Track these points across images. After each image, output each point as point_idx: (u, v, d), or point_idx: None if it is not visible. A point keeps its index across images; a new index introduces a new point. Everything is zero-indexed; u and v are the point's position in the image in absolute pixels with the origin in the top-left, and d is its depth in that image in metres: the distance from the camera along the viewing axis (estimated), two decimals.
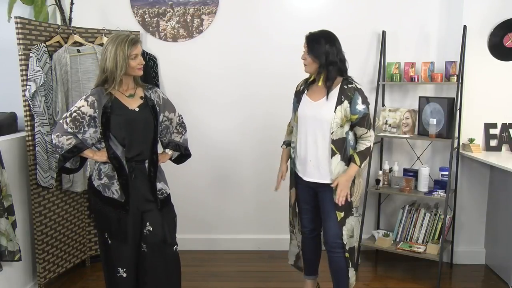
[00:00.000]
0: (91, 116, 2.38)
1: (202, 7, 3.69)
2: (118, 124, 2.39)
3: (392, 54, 3.63)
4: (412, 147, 3.69)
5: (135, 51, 2.39)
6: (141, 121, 2.46)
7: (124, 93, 2.46)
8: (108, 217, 2.45)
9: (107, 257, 2.50)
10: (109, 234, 2.47)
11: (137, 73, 2.45)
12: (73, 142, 2.36)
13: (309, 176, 2.64)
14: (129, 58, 2.37)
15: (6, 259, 2.66)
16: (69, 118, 2.36)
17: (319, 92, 2.60)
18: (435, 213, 3.48)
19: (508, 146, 3.48)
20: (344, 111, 2.51)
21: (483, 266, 3.60)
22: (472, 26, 3.38)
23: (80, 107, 2.37)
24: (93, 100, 2.38)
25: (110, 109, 2.38)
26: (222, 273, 3.50)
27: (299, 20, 3.63)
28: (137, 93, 2.50)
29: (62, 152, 2.36)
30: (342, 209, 2.60)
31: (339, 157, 2.56)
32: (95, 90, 2.41)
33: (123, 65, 2.36)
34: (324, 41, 2.52)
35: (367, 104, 2.57)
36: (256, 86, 3.75)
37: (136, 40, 2.41)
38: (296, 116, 2.67)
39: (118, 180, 2.42)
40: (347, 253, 2.63)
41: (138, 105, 2.47)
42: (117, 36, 2.39)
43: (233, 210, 3.91)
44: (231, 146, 3.83)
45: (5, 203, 2.64)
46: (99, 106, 2.37)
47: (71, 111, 2.38)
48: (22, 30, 2.93)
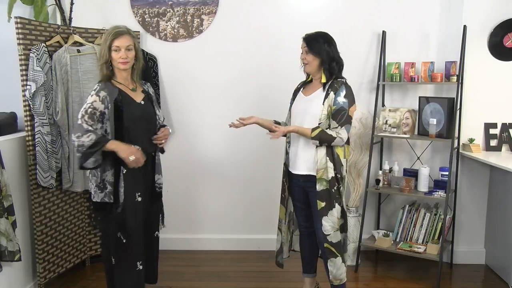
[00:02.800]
0: (101, 111, 2.42)
1: (202, 7, 3.69)
2: (130, 116, 2.46)
3: (392, 54, 3.63)
4: (412, 147, 3.69)
5: (116, 43, 2.41)
6: (148, 113, 2.58)
7: (128, 86, 2.53)
8: (124, 219, 2.49)
9: (124, 256, 2.53)
10: (124, 235, 2.49)
11: (119, 67, 2.47)
12: (94, 138, 2.37)
13: (298, 169, 2.70)
14: (111, 49, 2.41)
15: (6, 259, 2.66)
16: (87, 116, 2.39)
17: (312, 88, 2.71)
18: (435, 213, 3.48)
19: (508, 146, 3.48)
20: (330, 102, 2.58)
21: (483, 266, 3.60)
22: (472, 26, 3.38)
23: (93, 102, 2.40)
24: (104, 95, 2.42)
25: (121, 102, 2.44)
26: (222, 273, 3.50)
27: (299, 20, 3.63)
28: (138, 87, 2.59)
29: (84, 150, 2.36)
30: (323, 198, 2.60)
31: (324, 149, 2.60)
32: (103, 84, 2.45)
33: (104, 54, 2.42)
34: (322, 40, 2.61)
35: (349, 100, 2.58)
36: (256, 86, 3.75)
37: (120, 32, 2.43)
38: (290, 112, 2.77)
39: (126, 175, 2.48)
40: (328, 244, 2.63)
41: (142, 99, 2.56)
42: (109, 28, 2.47)
43: (233, 210, 3.91)
44: (232, 146, 3.83)
45: (5, 203, 2.64)
46: (110, 100, 2.42)
47: (85, 108, 2.40)
48: (22, 30, 2.93)
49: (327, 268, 2.70)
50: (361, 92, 3.67)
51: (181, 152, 3.83)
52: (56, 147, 3.13)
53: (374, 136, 3.53)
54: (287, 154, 2.78)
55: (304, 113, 2.65)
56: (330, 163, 2.60)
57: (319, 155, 2.60)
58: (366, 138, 3.63)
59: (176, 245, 3.87)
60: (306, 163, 2.64)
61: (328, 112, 2.58)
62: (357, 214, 3.61)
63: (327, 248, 2.64)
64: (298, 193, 2.78)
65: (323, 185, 2.60)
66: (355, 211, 3.62)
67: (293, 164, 2.73)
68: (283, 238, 2.87)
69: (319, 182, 2.60)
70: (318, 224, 2.65)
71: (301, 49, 2.67)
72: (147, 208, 2.63)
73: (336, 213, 2.63)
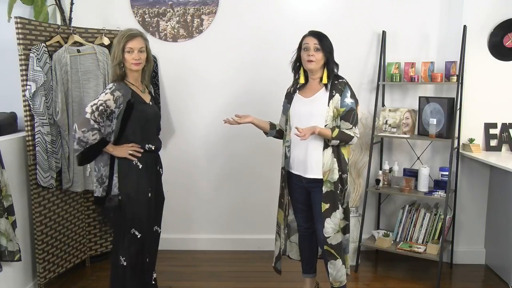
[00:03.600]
0: (112, 110, 2.47)
1: (202, 7, 3.69)
2: (142, 118, 2.53)
3: (392, 54, 3.63)
4: (412, 147, 3.69)
5: (130, 44, 2.48)
6: (156, 114, 2.69)
7: (139, 87, 2.60)
8: (138, 215, 2.55)
9: (138, 251, 2.57)
10: (139, 229, 2.55)
11: (132, 68, 2.53)
12: (98, 138, 2.45)
13: (304, 172, 2.66)
14: (124, 51, 2.48)
15: (6, 259, 2.66)
16: (97, 113, 2.42)
17: (311, 90, 2.67)
18: (435, 213, 3.48)
19: (508, 146, 3.48)
20: (336, 104, 2.57)
21: (483, 266, 3.60)
22: (472, 26, 3.38)
23: (106, 101, 2.44)
24: (118, 96, 2.46)
25: (134, 103, 2.50)
26: (222, 273, 3.50)
27: (299, 20, 3.63)
28: (145, 89, 2.66)
29: (86, 147, 2.44)
30: (327, 200, 2.59)
31: (331, 150, 2.59)
32: (119, 85, 2.49)
33: (117, 56, 2.48)
34: (328, 39, 2.62)
35: (355, 99, 2.62)
36: (256, 85, 3.75)
37: (134, 34, 2.51)
38: (289, 114, 2.72)
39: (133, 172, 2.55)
40: (328, 246, 2.62)
41: (150, 100, 2.64)
42: (123, 31, 2.55)
43: (233, 210, 3.91)
44: (231, 145, 3.83)
45: (5, 203, 2.64)
46: (123, 101, 2.47)
47: (97, 105, 2.43)
48: (22, 30, 2.93)
49: (327, 269, 2.69)
50: (361, 92, 3.67)
51: (181, 151, 3.83)
52: (56, 147, 3.13)
53: (374, 136, 3.53)
54: (287, 158, 2.73)
55: (309, 115, 2.61)
56: (336, 164, 2.59)
57: (326, 157, 2.59)
58: (366, 138, 3.63)
59: (176, 245, 3.87)
60: (317, 165, 2.61)
61: (334, 113, 2.57)
62: (357, 214, 3.61)
63: (327, 250, 2.63)
64: (299, 194, 2.76)
65: (328, 187, 2.59)
66: (355, 211, 3.61)
67: (297, 166, 2.68)
68: (282, 244, 2.85)
69: (325, 184, 2.59)
70: (319, 225, 2.64)
71: (307, 45, 2.58)
72: (154, 204, 2.70)
73: (339, 214, 2.63)
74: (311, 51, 2.57)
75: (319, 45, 2.57)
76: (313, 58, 2.57)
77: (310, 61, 2.58)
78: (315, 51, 2.57)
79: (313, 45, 2.57)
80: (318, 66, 2.60)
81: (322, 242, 2.64)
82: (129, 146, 2.53)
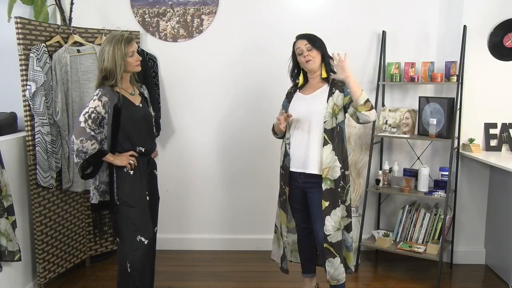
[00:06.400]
0: (103, 116, 2.45)
1: (202, 7, 3.69)
2: (130, 121, 2.50)
3: (392, 54, 3.63)
4: (412, 147, 3.69)
5: (131, 48, 2.49)
6: (147, 115, 2.63)
7: (127, 90, 2.56)
8: (142, 220, 2.55)
9: (144, 256, 2.54)
10: (144, 235, 2.54)
11: (136, 69, 2.56)
12: (97, 147, 2.43)
13: (303, 168, 2.66)
14: (127, 56, 2.47)
15: (6, 259, 2.66)
16: (90, 120, 2.40)
17: (312, 88, 2.71)
18: (435, 213, 3.48)
19: (508, 146, 3.48)
20: (336, 100, 2.60)
21: (483, 266, 3.60)
22: (472, 26, 3.38)
23: (96, 107, 2.42)
24: (106, 101, 2.44)
25: (121, 107, 2.46)
26: (222, 273, 3.50)
27: (299, 20, 3.63)
28: (135, 91, 2.63)
29: (86, 157, 2.41)
30: (327, 198, 2.59)
31: (331, 147, 2.59)
32: (105, 90, 2.46)
33: (121, 64, 2.46)
34: (317, 36, 2.67)
35: None
36: (256, 85, 3.75)
37: (130, 38, 2.52)
38: (289, 111, 2.73)
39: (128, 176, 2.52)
40: (328, 244, 2.61)
41: (140, 102, 2.61)
42: (113, 36, 2.49)
43: (233, 210, 3.91)
44: (231, 145, 3.83)
45: (5, 203, 2.64)
46: (110, 106, 2.44)
47: (88, 113, 2.40)
48: (22, 30, 2.93)
49: (325, 267, 2.69)
50: None
51: (180, 151, 3.83)
52: (56, 147, 3.14)
53: (374, 136, 3.53)
54: (287, 156, 2.72)
55: (308, 111, 2.63)
56: (338, 162, 2.60)
57: (325, 153, 2.59)
58: (366, 138, 3.63)
59: (176, 245, 3.87)
60: (317, 162, 2.62)
61: (333, 110, 2.59)
62: (357, 214, 3.61)
63: (326, 248, 2.63)
64: (296, 195, 2.76)
65: (327, 185, 2.59)
66: (355, 211, 3.62)
67: (296, 163, 2.68)
68: (285, 243, 2.85)
69: (324, 182, 2.59)
70: (318, 224, 2.63)
71: (300, 49, 2.64)
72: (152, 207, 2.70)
73: (339, 212, 2.63)
74: (305, 52, 2.63)
75: (309, 44, 2.63)
76: (310, 57, 2.62)
77: (308, 61, 2.63)
78: (309, 51, 2.62)
79: (304, 47, 2.63)
80: (317, 63, 2.64)
81: (322, 240, 2.63)
82: (129, 154, 2.50)
